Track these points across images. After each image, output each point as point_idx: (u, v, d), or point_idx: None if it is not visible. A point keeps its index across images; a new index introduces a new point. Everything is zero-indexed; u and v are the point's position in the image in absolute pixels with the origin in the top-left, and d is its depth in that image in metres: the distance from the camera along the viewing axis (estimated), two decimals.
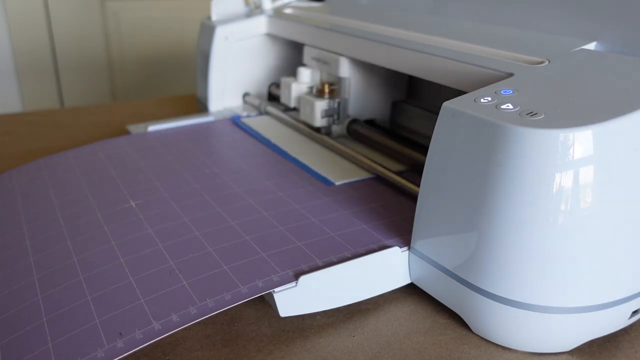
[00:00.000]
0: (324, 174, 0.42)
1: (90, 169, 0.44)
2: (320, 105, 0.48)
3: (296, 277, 0.29)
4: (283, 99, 0.53)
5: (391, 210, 0.36)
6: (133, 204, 0.37)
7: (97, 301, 0.28)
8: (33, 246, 0.33)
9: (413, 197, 0.37)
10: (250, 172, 0.42)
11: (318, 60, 0.50)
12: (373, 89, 0.50)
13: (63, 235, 0.34)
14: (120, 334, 0.25)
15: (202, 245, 0.32)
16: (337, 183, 0.40)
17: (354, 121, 0.49)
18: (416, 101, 0.51)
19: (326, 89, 0.49)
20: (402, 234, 0.33)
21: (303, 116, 0.50)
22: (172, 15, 1.56)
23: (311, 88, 0.51)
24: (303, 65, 0.52)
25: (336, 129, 0.49)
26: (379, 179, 0.41)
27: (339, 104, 0.48)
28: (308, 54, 0.51)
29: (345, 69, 0.48)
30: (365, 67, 0.48)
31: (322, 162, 0.44)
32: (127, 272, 0.30)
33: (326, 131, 0.49)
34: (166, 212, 0.36)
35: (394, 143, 0.44)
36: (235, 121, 0.55)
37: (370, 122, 0.50)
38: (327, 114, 0.48)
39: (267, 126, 0.53)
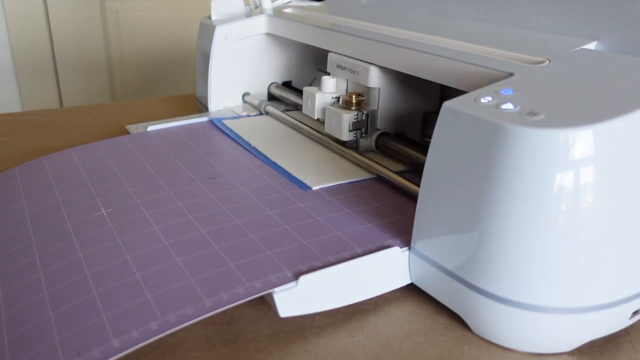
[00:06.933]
0: (307, 175, 0.41)
1: (64, 175, 0.43)
2: (348, 117, 0.44)
3: (296, 277, 0.29)
4: (305, 110, 0.49)
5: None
6: (104, 212, 0.37)
7: (62, 315, 0.28)
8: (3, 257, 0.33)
9: (413, 197, 0.37)
10: (234, 175, 0.42)
11: (344, 68, 0.46)
12: (404, 99, 0.46)
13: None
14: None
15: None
16: (314, 188, 0.39)
17: (383, 134, 0.45)
18: None
19: (354, 100, 0.45)
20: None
21: (328, 129, 0.46)
22: (172, 15, 1.56)
23: (337, 98, 0.47)
24: (326, 73, 0.49)
25: (364, 143, 0.46)
26: (378, 178, 0.41)
27: (367, 116, 0.45)
28: (333, 61, 0.47)
29: (375, 79, 0.44)
30: (397, 77, 0.45)
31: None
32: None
33: (353, 145, 0.46)
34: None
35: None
36: (215, 123, 0.53)
37: (399, 135, 0.47)
38: (355, 127, 0.45)
39: (252, 128, 0.52)
